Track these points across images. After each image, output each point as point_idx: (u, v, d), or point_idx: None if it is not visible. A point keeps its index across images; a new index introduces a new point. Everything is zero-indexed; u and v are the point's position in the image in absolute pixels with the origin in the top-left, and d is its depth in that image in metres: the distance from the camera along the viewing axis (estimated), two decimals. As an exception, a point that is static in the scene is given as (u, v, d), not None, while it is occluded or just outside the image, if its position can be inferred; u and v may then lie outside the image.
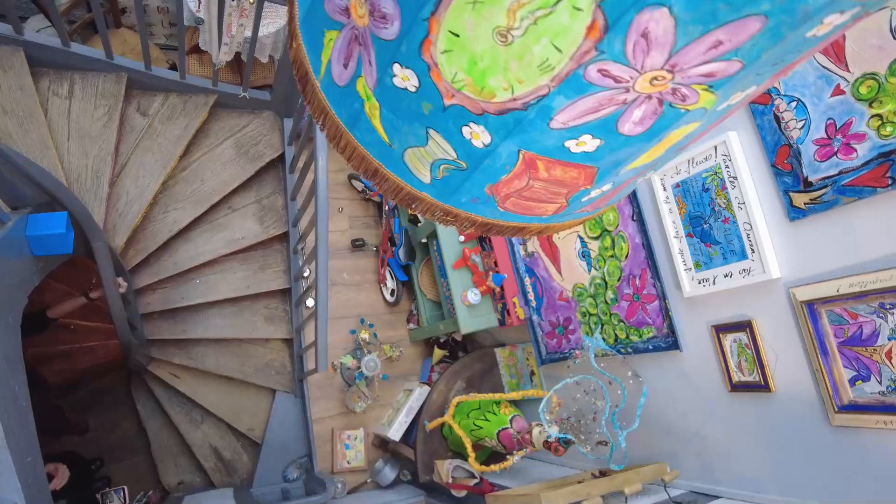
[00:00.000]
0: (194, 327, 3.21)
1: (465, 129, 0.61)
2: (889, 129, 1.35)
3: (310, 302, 3.19)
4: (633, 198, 2.13)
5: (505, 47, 0.51)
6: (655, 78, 0.49)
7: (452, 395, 3.03)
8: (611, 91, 0.51)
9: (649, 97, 0.52)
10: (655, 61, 0.47)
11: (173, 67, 3.03)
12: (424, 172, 0.70)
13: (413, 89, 0.60)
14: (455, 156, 0.65)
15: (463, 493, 2.67)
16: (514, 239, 2.86)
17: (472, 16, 0.50)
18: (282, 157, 3.25)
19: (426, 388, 3.35)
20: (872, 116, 1.38)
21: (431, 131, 0.63)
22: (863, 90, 1.39)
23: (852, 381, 1.49)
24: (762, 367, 1.73)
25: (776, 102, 1.60)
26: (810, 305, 1.56)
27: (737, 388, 1.82)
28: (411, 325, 3.76)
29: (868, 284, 1.41)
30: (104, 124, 2.60)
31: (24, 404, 1.31)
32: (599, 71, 0.49)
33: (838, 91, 1.44)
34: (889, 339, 1.40)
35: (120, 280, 2.61)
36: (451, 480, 2.72)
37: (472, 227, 0.79)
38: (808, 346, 1.58)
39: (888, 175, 1.36)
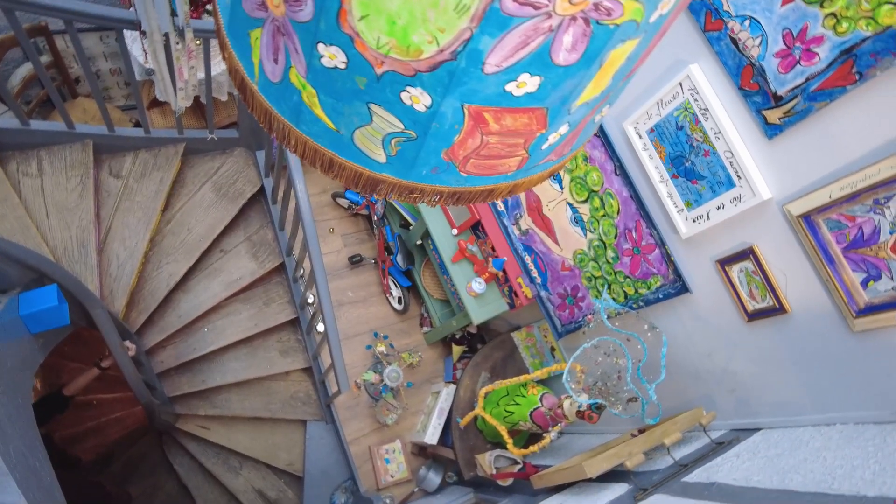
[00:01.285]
0: (212, 375, 3.21)
1: (403, 96, 0.59)
2: (845, 25, 1.33)
3: (320, 326, 3.18)
4: (613, 153, 2.11)
5: (414, -2, 0.49)
6: (573, -5, 0.48)
7: (479, 387, 3.01)
8: (534, 20, 0.50)
9: (574, 18, 0.51)
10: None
11: (138, 125, 3.03)
12: (378, 152, 0.69)
13: (343, 66, 0.59)
14: (402, 126, 0.63)
15: (509, 481, 2.65)
16: (506, 220, 2.84)
17: (378, -27, 0.49)
18: (262, 190, 3.24)
19: (452, 387, 3.34)
20: (826, 16, 1.37)
21: (373, 106, 0.62)
22: (811, -8, 1.38)
23: (864, 284, 1.47)
24: (773, 290, 1.71)
25: (730, 25, 1.58)
26: (807, 218, 1.54)
27: (753, 316, 1.80)
28: (425, 329, 3.74)
29: (858, 184, 1.39)
30: (79, 194, 2.60)
31: (49, 480, 1.30)
32: (515, 1, 0.48)
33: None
34: (891, 233, 1.38)
35: (128, 343, 2.61)
36: (494, 472, 2.71)
37: (440, 200, 0.78)
38: (814, 258, 1.56)
39: (854, 71, 1.34)
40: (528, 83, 0.58)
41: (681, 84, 1.76)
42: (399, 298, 3.66)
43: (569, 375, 2.09)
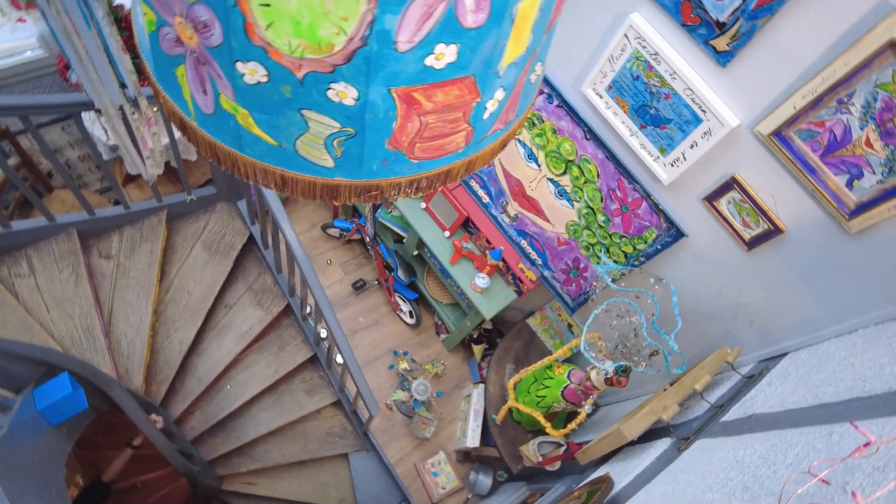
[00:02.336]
0: (245, 430, 3.21)
1: (330, 94, 0.60)
2: (766, -63, 1.34)
3: (339, 358, 3.19)
4: (579, 119, 2.12)
5: (312, -7, 0.50)
6: (459, -48, 0.49)
7: (507, 380, 3.00)
8: (428, -13, 0.51)
9: (467, -25, 0.51)
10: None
11: (118, 203, 3.06)
12: (324, 157, 0.69)
13: (265, 79, 0.60)
14: (339, 125, 0.64)
15: (557, 465, 2.63)
16: (494, 211, 2.85)
17: (268, -22, 0.50)
18: (252, 238, 3.26)
19: (481, 386, 3.33)
20: (746, -66, 1.37)
21: (304, 112, 0.63)
22: (725, -86, 1.38)
23: (849, 185, 1.47)
24: (765, 213, 1.70)
25: (657, -34, 1.59)
26: (778, 134, 1.54)
27: (752, 244, 1.80)
28: (442, 336, 3.74)
29: (818, 88, 1.39)
30: (75, 283, 2.62)
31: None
32: (404, -30, 0.48)
33: (705, -73, 1.44)
34: (861, 129, 1.38)
35: (154, 417, 2.62)
36: (540, 458, 2.69)
37: (399, 192, 0.78)
38: (795, 172, 1.56)
39: (787, -20, 1.35)
40: (446, 53, 0.59)
41: (626, 35, 1.77)
42: (410, 312, 3.66)
43: (587, 346, 2.08)
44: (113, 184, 2.63)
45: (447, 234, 3.00)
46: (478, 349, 3.59)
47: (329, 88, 0.60)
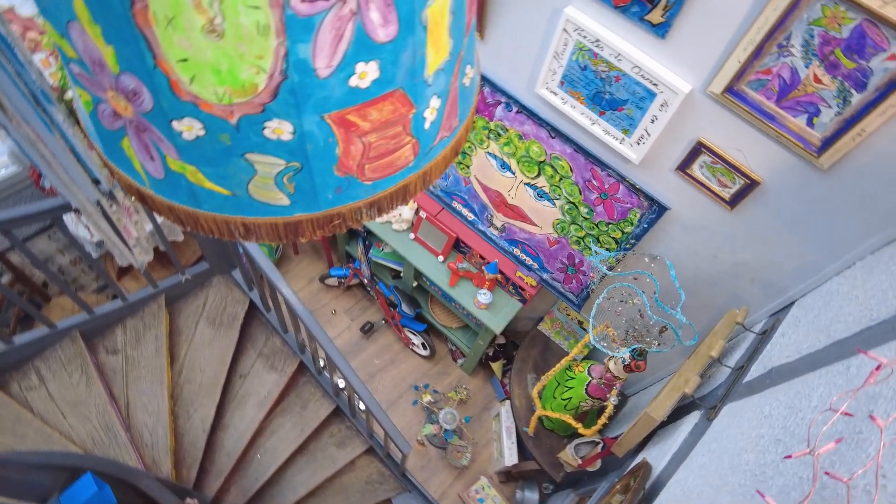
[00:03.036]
0: (284, 496, 3.17)
1: (267, 133, 0.62)
2: None
3: (362, 404, 3.17)
4: (540, 120, 2.15)
5: (223, 40, 0.53)
6: (352, -28, 0.51)
7: (531, 390, 2.98)
8: (332, 11, 0.53)
9: (367, -7, 0.54)
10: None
11: (116, 297, 3.08)
12: (279, 196, 0.71)
13: (203, 132, 0.62)
14: (284, 161, 0.66)
15: (598, 464, 2.59)
16: (481, 226, 2.87)
17: (179, 35, 0.52)
18: (253, 305, 3.27)
19: (507, 403, 3.30)
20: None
21: (248, 156, 0.65)
22: None
23: (810, 123, 1.49)
24: (738, 169, 1.72)
25: (578, -41, 1.64)
26: (730, 90, 1.57)
27: (733, 202, 1.81)
28: (459, 361, 3.72)
29: (756, 38, 1.42)
30: (86, 384, 2.63)
31: None
32: (303, 2, 0.51)
33: (613, -88, 1.49)
34: (807, 67, 1.40)
35: (189, 501, 2.59)
36: (580, 461, 2.65)
37: (362, 216, 0.80)
38: (756, 123, 1.58)
39: (701, -57, 1.39)
40: (368, 71, 0.61)
41: (565, 29, 1.81)
42: (422, 344, 3.65)
43: (599, 337, 2.08)
44: (107, 280, 2.66)
45: (441, 258, 3.01)
46: (496, 366, 3.56)
47: (264, 128, 0.62)
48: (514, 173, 2.46)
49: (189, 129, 0.61)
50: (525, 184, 2.45)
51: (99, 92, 0.63)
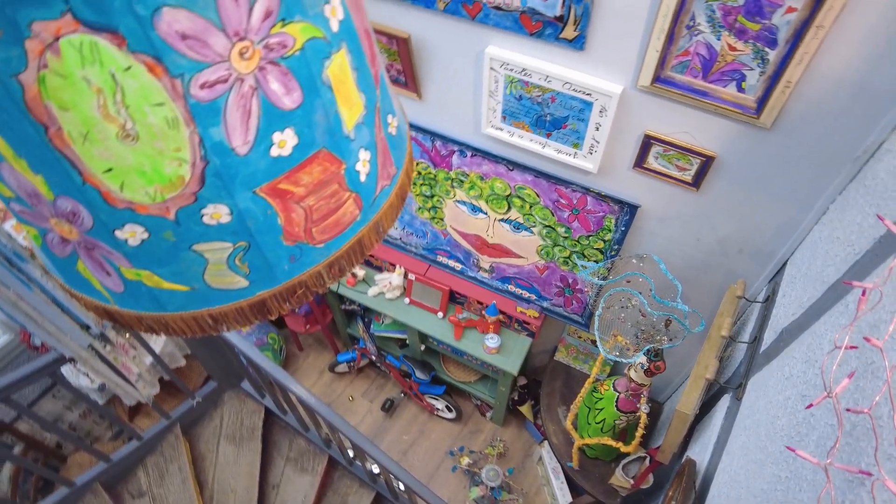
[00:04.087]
0: None
1: (206, 220, 0.64)
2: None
3: (401, 484, 3.08)
4: (494, 157, 2.21)
5: (139, 141, 0.55)
6: (241, 52, 0.55)
7: (564, 423, 2.91)
8: (233, 91, 0.56)
9: (261, 69, 0.57)
10: (219, 43, 0.53)
11: (132, 438, 3.03)
12: (236, 279, 0.72)
13: (146, 234, 0.64)
14: (231, 243, 0.68)
15: (650, 479, 2.50)
16: (470, 273, 2.88)
17: (97, 147, 0.55)
18: (269, 412, 3.22)
19: (546, 443, 3.22)
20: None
21: (195, 247, 0.67)
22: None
23: (740, 89, 1.54)
24: (690, 150, 1.76)
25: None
26: (658, 79, 1.63)
27: (696, 182, 1.84)
28: (487, 415, 3.64)
29: (665, 26, 1.49)
30: (119, 535, 2.55)
31: None
32: (200, 86, 0.54)
33: (501, -47, 1.59)
34: (719, 39, 1.47)
35: None
36: (632, 482, 2.56)
37: (325, 281, 0.81)
38: (692, 102, 1.63)
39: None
40: (286, 139, 0.64)
41: (492, 68, 1.89)
42: (447, 407, 3.59)
43: (608, 350, 2.06)
44: (119, 423, 2.63)
45: (440, 314, 3.01)
46: (525, 409, 3.49)
47: (202, 216, 0.64)
48: (486, 213, 2.50)
49: (132, 234, 0.64)
50: (499, 220, 2.48)
51: (42, 223, 0.66)
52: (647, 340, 2.03)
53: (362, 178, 0.78)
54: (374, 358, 3.54)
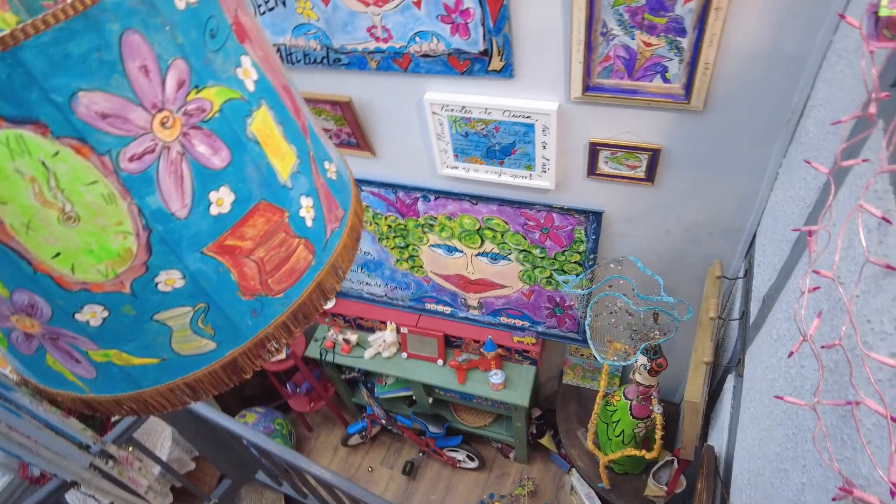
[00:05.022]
0: None
1: (161, 287, 0.67)
2: (459, -20, 1.59)
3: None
4: (456, 195, 2.27)
5: (81, 222, 0.58)
6: (162, 122, 0.59)
7: (586, 444, 2.86)
8: (161, 160, 0.60)
9: (185, 134, 0.61)
10: (139, 117, 0.57)
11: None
12: (203, 342, 0.74)
13: (106, 313, 0.66)
14: (189, 307, 0.70)
15: (683, 481, 2.45)
16: (461, 313, 2.89)
17: (41, 234, 0.58)
18: (289, 498, 3.13)
19: (573, 471, 3.14)
20: (446, -12, 1.62)
21: (156, 317, 0.69)
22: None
23: (665, 79, 1.62)
24: (635, 148, 1.83)
25: (400, 48, 1.82)
26: (588, 88, 1.71)
27: (650, 176, 1.90)
28: (511, 455, 3.57)
29: (581, 37, 1.58)
30: None
31: None
32: (129, 159, 0.58)
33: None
34: (633, 39, 1.55)
35: None
36: (666, 488, 2.50)
37: (293, 329, 0.83)
38: (624, 102, 1.71)
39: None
40: (223, 197, 0.67)
41: (434, 112, 1.97)
42: (468, 457, 3.51)
43: (609, 357, 2.06)
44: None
45: (440, 362, 2.99)
46: (547, 441, 3.43)
47: (157, 284, 0.66)
48: (462, 251, 2.53)
49: (92, 315, 0.65)
50: (476, 255, 2.52)
51: (4, 323, 0.67)
52: (642, 339, 2.04)
53: (308, 223, 0.81)
54: (384, 422, 3.48)
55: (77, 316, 0.65)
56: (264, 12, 1.86)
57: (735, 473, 1.51)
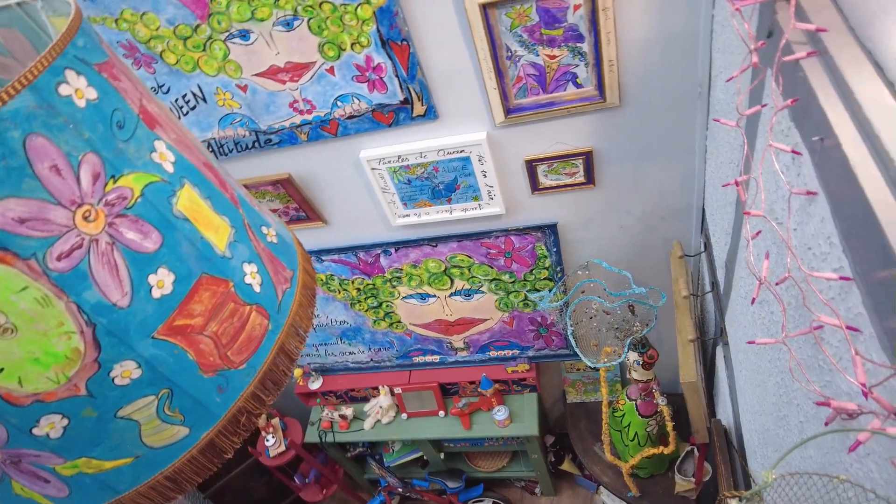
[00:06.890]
0: None
1: (118, 382, 0.66)
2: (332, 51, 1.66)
3: None
4: (415, 241, 2.29)
5: (20, 331, 0.58)
6: (84, 216, 0.60)
7: (605, 456, 2.81)
8: (90, 254, 0.60)
9: (111, 224, 0.62)
10: (59, 215, 0.58)
11: None
12: (174, 430, 0.73)
13: (66, 420, 0.64)
14: (153, 395, 0.69)
15: (709, 469, 2.42)
16: (450, 358, 2.87)
17: (-20, 354, 0.57)
18: None
19: (600, 487, 3.08)
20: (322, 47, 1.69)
21: (120, 413, 0.67)
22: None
23: (576, 85, 1.69)
24: (569, 156, 1.89)
25: (314, 115, 1.87)
26: (510, 111, 1.77)
27: (589, 179, 1.96)
28: (537, 490, 3.48)
29: (489, 66, 1.65)
30: None
31: None
32: (57, 259, 0.58)
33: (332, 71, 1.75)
34: (538, 55, 1.63)
35: None
36: (692, 481, 2.46)
37: (264, 399, 0.82)
38: (547, 115, 1.77)
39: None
40: (163, 278, 0.67)
41: (372, 168, 2.01)
42: (493, 503, 3.40)
43: (600, 362, 2.06)
44: None
45: (441, 413, 2.94)
46: (567, 465, 3.35)
47: (113, 379, 0.65)
48: (434, 296, 2.54)
49: (51, 426, 0.64)
50: (449, 296, 2.53)
51: (-37, 461, 0.65)
52: (626, 335, 2.05)
53: (256, 288, 0.81)
54: (401, 490, 3.37)
55: (35, 431, 0.63)
56: (187, 112, 1.90)
57: (746, 438, 1.51)
